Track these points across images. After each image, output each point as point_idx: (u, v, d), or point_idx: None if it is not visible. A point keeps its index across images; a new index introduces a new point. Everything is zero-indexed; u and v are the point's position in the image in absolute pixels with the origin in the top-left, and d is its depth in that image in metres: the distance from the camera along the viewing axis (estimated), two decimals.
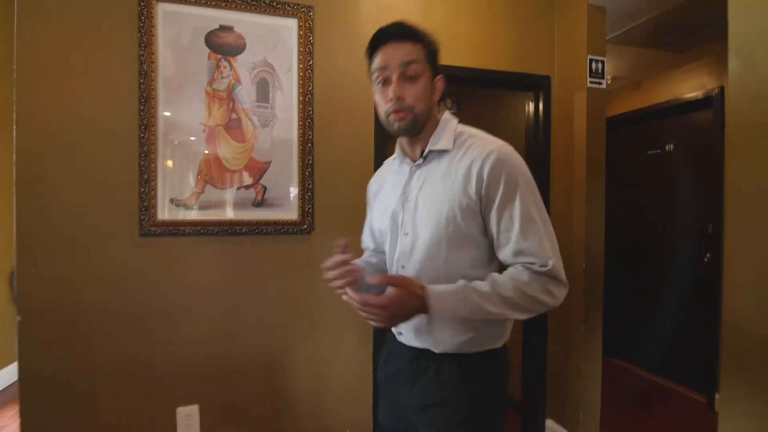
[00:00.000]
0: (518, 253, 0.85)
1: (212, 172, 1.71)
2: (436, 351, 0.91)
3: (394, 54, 0.87)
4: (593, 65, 2.01)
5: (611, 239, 2.06)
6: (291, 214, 1.80)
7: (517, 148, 0.94)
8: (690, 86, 2.83)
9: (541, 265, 0.83)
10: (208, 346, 1.72)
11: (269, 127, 1.77)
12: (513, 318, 0.88)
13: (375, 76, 0.91)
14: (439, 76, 0.94)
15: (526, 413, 2.28)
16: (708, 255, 2.67)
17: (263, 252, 1.77)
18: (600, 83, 2.02)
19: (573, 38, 2.08)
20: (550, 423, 2.22)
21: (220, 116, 1.72)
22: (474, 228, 0.88)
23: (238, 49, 1.73)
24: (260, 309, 1.78)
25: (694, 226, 2.83)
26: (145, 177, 1.63)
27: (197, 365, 1.70)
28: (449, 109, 3.64)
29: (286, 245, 1.80)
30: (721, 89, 2.60)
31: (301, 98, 1.79)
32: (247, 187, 1.75)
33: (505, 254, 0.87)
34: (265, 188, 1.76)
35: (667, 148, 3.08)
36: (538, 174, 2.20)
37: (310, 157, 1.80)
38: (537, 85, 2.21)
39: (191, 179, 1.69)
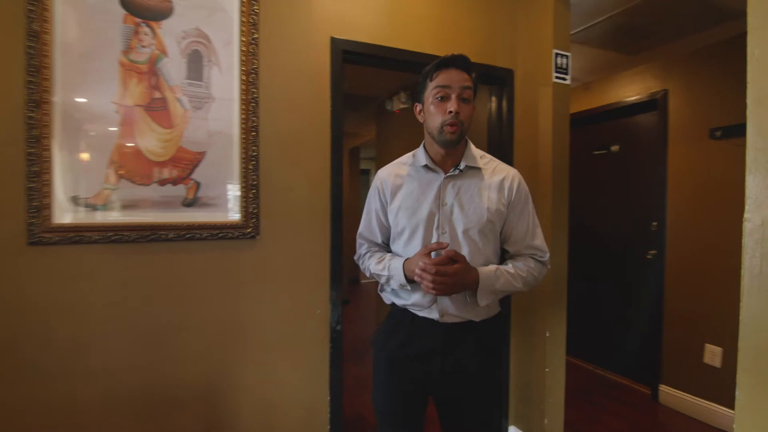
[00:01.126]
0: (528, 247, 1.19)
1: (129, 164, 1.38)
2: (478, 320, 1.15)
3: (456, 78, 1.09)
4: (558, 60, 1.93)
5: None
6: (231, 215, 1.51)
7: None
8: (635, 89, 2.91)
9: (541, 257, 1.20)
10: (129, 378, 1.39)
11: (203, 110, 1.47)
12: (522, 290, 1.17)
13: (435, 91, 1.10)
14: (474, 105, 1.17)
15: None
16: (653, 251, 2.77)
17: (197, 262, 1.47)
18: (565, 79, 1.96)
19: (538, 31, 1.99)
20: (513, 430, 2.14)
21: (140, 95, 1.39)
22: (499, 226, 1.18)
23: (162, 12, 1.41)
24: (195, 331, 1.47)
25: (638, 224, 2.93)
26: (35, 169, 1.26)
27: (115, 403, 1.37)
28: (403, 103, 3.48)
29: (225, 253, 1.51)
30: (665, 92, 2.70)
31: (243, 78, 1.51)
32: (176, 182, 1.44)
33: (517, 246, 1.19)
34: (198, 184, 1.46)
35: (612, 149, 3.17)
36: None
37: (255, 148, 1.53)
38: (500, 78, 2.11)
39: (101, 172, 1.35)
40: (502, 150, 2.12)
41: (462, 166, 1.15)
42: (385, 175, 1.23)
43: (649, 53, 2.72)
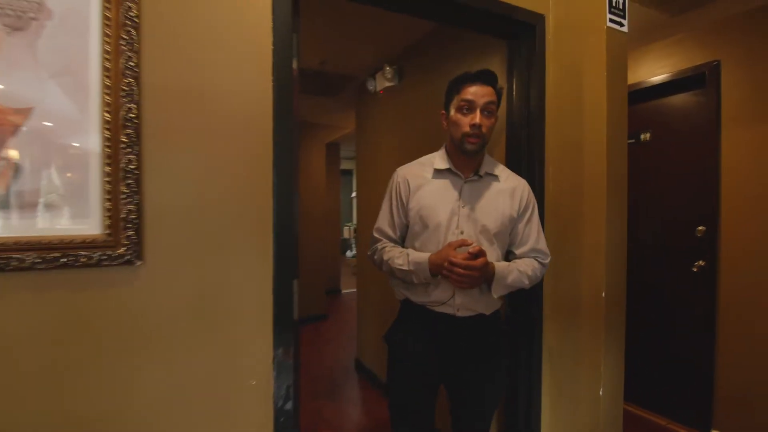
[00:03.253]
0: (533, 250, 1.28)
1: None
2: (487, 313, 1.25)
3: (482, 92, 1.19)
4: None
5: None
6: (86, 224, 0.85)
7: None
8: (672, 62, 2.37)
9: (543, 259, 1.30)
10: None
11: (29, 34, 0.80)
12: (527, 287, 1.26)
13: (461, 104, 1.20)
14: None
15: None
16: (701, 263, 2.21)
17: (17, 311, 0.80)
18: (622, 24, 1.37)
19: None
20: None
21: None
22: (509, 230, 1.28)
23: None
24: None
25: (678, 229, 2.37)
26: None
27: None
28: (389, 81, 2.85)
29: (75, 293, 0.84)
30: (716, 64, 2.16)
31: None
32: None
33: (523, 249, 1.28)
34: (17, 167, 0.80)
35: (642, 137, 2.61)
36: (531, 172, 1.51)
37: (133, 107, 0.87)
38: (523, 28, 1.50)
39: None
40: (528, 142, 1.51)
41: (482, 172, 1.25)
42: (406, 175, 1.30)
43: (694, 13, 2.17)
